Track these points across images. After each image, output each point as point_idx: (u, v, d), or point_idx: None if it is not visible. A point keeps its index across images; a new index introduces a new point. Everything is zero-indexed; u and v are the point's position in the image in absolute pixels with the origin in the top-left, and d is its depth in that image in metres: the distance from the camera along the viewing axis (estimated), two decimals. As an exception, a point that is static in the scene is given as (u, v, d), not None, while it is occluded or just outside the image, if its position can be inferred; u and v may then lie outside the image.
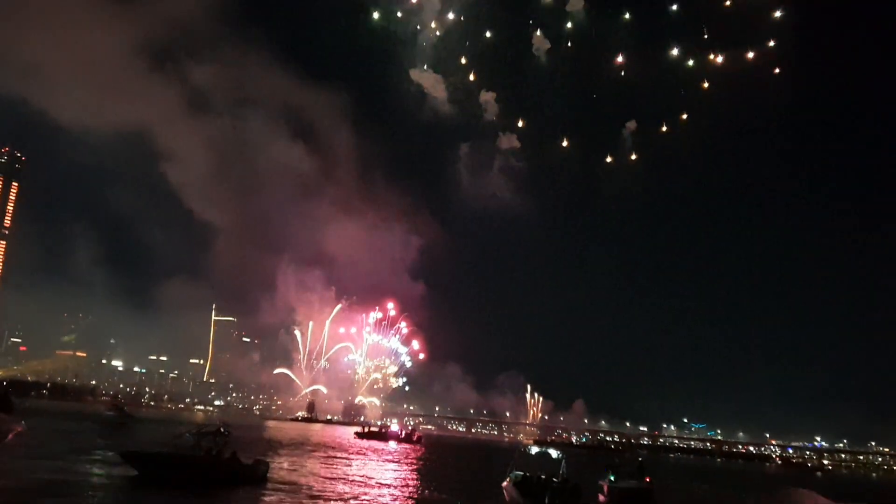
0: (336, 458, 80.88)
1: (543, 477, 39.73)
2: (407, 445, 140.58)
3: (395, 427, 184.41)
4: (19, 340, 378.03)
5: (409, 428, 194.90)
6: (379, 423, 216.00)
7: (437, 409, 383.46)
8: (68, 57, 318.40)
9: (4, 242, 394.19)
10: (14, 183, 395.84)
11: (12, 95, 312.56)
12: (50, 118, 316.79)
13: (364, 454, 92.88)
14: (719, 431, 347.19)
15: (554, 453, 44.74)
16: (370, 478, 58.44)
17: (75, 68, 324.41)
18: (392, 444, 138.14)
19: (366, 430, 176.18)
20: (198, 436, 46.00)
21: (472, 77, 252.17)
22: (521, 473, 39.69)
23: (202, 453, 44.42)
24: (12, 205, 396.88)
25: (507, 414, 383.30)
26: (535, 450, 46.46)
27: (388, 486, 53.13)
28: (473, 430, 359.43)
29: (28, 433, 49.04)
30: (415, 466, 79.17)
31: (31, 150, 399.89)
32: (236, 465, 45.89)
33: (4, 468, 38.78)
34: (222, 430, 47.82)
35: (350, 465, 71.13)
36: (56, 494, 34.33)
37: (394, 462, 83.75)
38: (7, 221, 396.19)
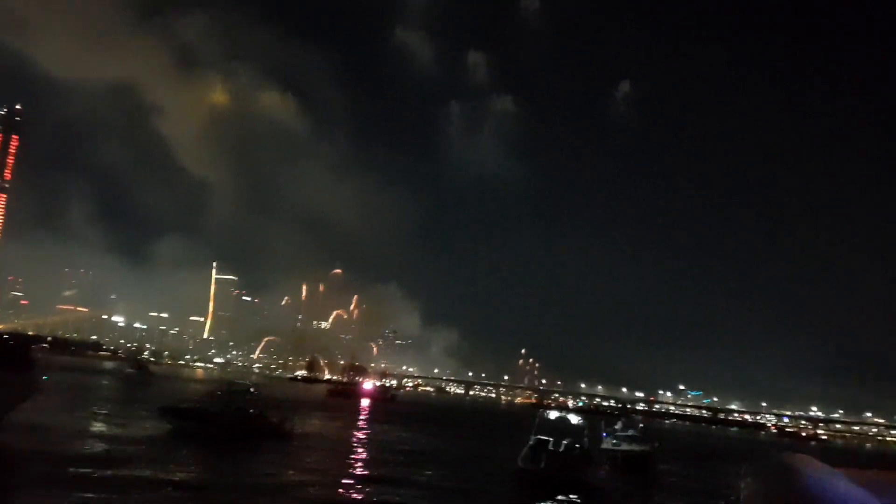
0: (340, 416, 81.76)
1: (551, 440, 39.46)
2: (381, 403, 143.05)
3: (368, 386, 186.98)
4: (20, 294, 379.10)
5: (386, 387, 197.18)
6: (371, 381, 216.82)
7: (435, 370, 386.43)
8: (57, 9, 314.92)
9: (5, 196, 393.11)
10: (14, 136, 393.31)
11: (6, 49, 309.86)
12: (43, 71, 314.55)
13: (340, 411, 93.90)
14: (715, 399, 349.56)
15: (574, 419, 44.24)
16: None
17: (64, 21, 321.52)
18: (364, 402, 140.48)
19: (339, 388, 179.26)
20: (228, 394, 49.40)
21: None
22: (539, 437, 39.41)
23: (233, 410, 46.56)
24: (12, 158, 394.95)
25: (505, 377, 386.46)
26: (553, 415, 46.00)
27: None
28: (472, 393, 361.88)
29: (55, 388, 49.60)
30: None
31: (28, 105, 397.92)
32: (264, 422, 48.14)
33: (47, 424, 39.21)
34: (251, 389, 51.65)
35: (364, 423, 71.65)
36: (101, 447, 35.46)
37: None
38: (7, 174, 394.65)
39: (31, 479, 24.80)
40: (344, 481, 32.44)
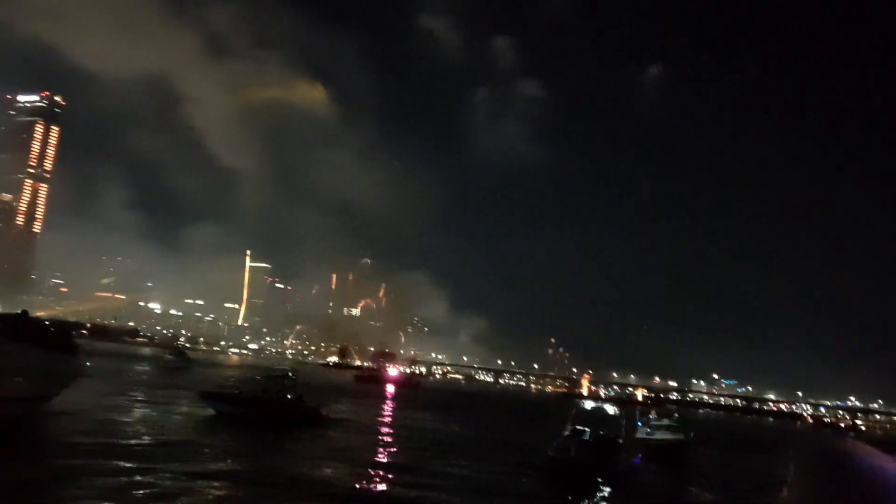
0: (368, 401, 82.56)
1: (587, 430, 39.34)
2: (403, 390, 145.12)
3: (393, 372, 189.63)
4: (60, 281, 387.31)
5: (411, 373, 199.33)
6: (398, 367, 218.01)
7: (464, 358, 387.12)
8: (90, 2, 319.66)
9: (46, 185, 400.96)
10: (54, 127, 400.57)
11: (43, 42, 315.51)
12: (77, 64, 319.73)
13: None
14: (750, 388, 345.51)
15: (610, 409, 44.06)
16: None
17: (98, 14, 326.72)
18: (390, 388, 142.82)
19: (365, 374, 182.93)
20: (267, 379, 50.05)
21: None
22: (575, 428, 39.34)
23: (272, 395, 47.27)
24: (53, 149, 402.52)
25: (535, 366, 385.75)
26: (589, 405, 45.88)
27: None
28: (501, 381, 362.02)
29: (96, 374, 50.73)
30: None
31: (65, 96, 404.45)
32: (302, 407, 49.06)
33: (89, 408, 40.18)
34: (290, 374, 52.20)
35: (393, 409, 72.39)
36: (142, 432, 35.94)
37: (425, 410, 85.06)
38: (48, 165, 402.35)
39: (72, 464, 25.32)
40: (375, 470, 32.78)
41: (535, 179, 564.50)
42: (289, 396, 48.87)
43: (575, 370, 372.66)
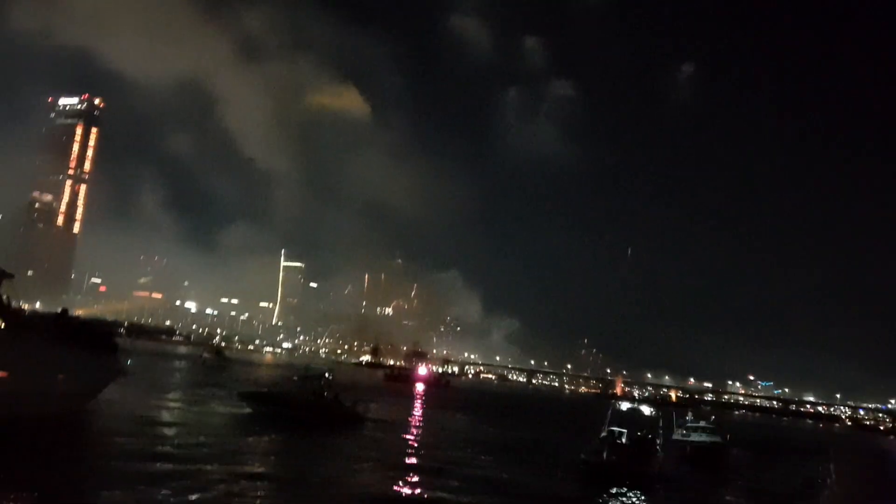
0: (399, 400, 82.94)
1: (625, 432, 39.09)
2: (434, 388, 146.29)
3: (423, 371, 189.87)
4: (99, 281, 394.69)
5: (441, 373, 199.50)
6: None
7: (497, 358, 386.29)
8: (125, 6, 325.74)
9: (86, 187, 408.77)
10: (93, 128, 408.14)
11: (80, 46, 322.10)
12: (114, 67, 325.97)
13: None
14: (787, 390, 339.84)
15: (647, 410, 43.67)
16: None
17: (133, 17, 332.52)
18: (419, 387, 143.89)
19: (395, 373, 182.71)
20: (304, 379, 50.85)
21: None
22: (611, 429, 39.13)
23: (308, 395, 47.84)
24: (91, 150, 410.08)
25: (568, 366, 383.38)
26: (625, 406, 45.37)
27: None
28: (534, 382, 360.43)
29: (135, 372, 51.61)
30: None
31: (104, 99, 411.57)
32: (339, 407, 49.51)
33: (130, 406, 41.00)
34: (326, 374, 53.08)
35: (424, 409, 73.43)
36: (181, 430, 36.74)
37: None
38: (87, 167, 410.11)
39: (111, 462, 25.78)
40: (409, 472, 33.13)
41: (567, 179, 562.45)
42: (325, 396, 49.44)
43: (608, 370, 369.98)
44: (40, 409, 29.87)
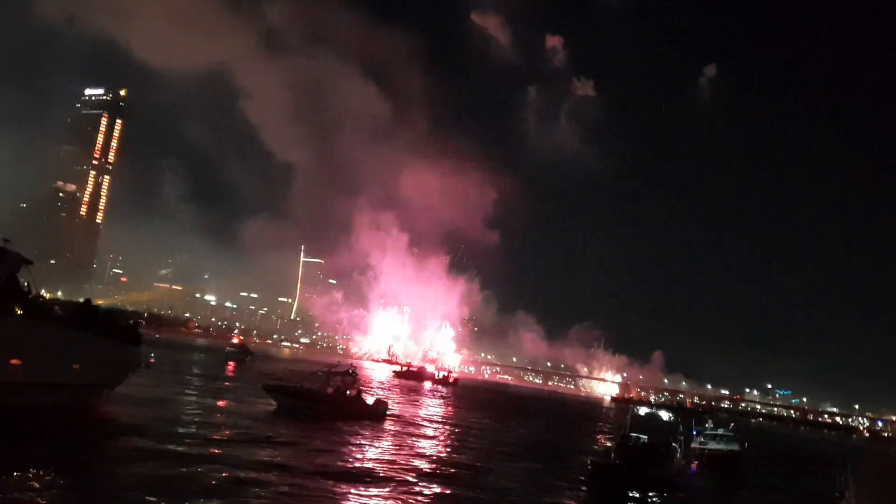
0: (425, 398, 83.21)
1: (642, 437, 38.84)
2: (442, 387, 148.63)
3: (431, 369, 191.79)
4: (120, 272, 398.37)
5: (448, 370, 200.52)
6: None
7: (513, 359, 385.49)
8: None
9: (109, 178, 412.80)
10: (118, 120, 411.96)
11: (105, 37, 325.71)
12: (137, 58, 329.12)
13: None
14: (805, 399, 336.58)
15: (665, 416, 43.43)
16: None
17: (158, 8, 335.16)
18: (427, 384, 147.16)
19: (404, 370, 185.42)
20: (328, 374, 51.07)
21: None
22: (628, 433, 38.89)
23: (332, 390, 48.51)
24: (116, 141, 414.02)
25: (585, 370, 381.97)
26: (643, 411, 45.10)
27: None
28: (550, 383, 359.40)
29: (157, 364, 52.07)
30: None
31: (129, 90, 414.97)
32: (361, 403, 50.14)
33: (151, 397, 41.42)
34: (350, 371, 53.20)
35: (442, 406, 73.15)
36: (203, 422, 36.95)
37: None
38: (112, 157, 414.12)
39: (130, 453, 25.88)
40: (423, 466, 33.22)
41: (587, 180, 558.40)
42: (349, 392, 49.94)
43: (625, 374, 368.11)
44: (53, 399, 29.77)
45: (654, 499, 33.69)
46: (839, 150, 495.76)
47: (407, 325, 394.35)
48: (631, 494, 33.32)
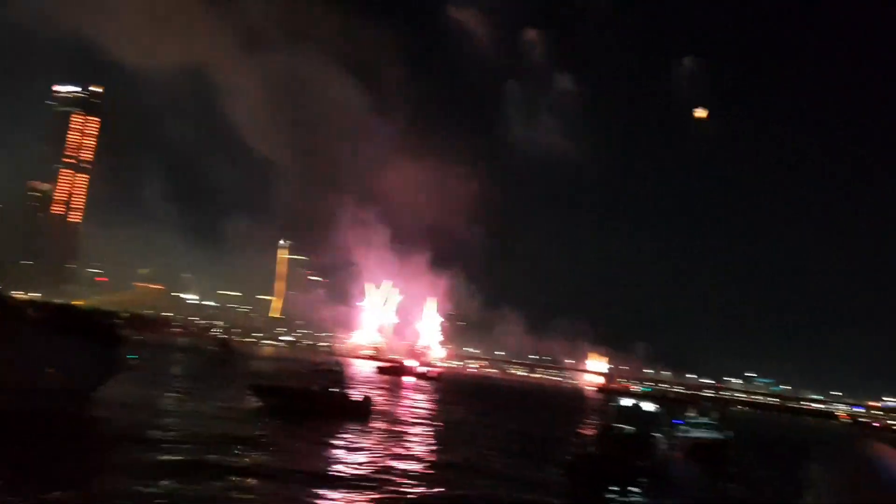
0: (410, 392, 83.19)
1: (626, 428, 38.85)
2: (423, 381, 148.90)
3: (413, 364, 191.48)
4: (99, 271, 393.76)
5: (431, 366, 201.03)
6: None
7: (499, 352, 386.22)
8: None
9: (86, 176, 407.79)
10: (94, 118, 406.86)
11: (83, 34, 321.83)
12: (114, 56, 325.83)
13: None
14: (786, 387, 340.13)
15: (649, 406, 43.10)
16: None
17: (135, 5, 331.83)
18: (411, 379, 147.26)
19: (388, 365, 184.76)
20: (313, 373, 51.96)
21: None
22: (611, 424, 38.90)
23: (317, 389, 48.59)
24: (91, 140, 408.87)
25: (569, 361, 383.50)
26: (627, 402, 44.37)
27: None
28: (535, 376, 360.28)
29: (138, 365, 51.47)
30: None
31: (106, 88, 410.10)
32: (346, 400, 50.43)
33: (132, 400, 40.76)
34: (335, 369, 54.06)
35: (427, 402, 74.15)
36: (184, 424, 36.59)
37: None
38: (87, 156, 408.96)
39: (112, 458, 25.59)
40: (414, 463, 33.23)
41: (568, 174, 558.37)
42: (335, 390, 49.90)
43: (609, 365, 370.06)
44: (26, 405, 28.86)
45: (635, 489, 33.71)
46: (819, 141, 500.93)
47: (393, 318, 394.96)
48: (611, 486, 33.31)
